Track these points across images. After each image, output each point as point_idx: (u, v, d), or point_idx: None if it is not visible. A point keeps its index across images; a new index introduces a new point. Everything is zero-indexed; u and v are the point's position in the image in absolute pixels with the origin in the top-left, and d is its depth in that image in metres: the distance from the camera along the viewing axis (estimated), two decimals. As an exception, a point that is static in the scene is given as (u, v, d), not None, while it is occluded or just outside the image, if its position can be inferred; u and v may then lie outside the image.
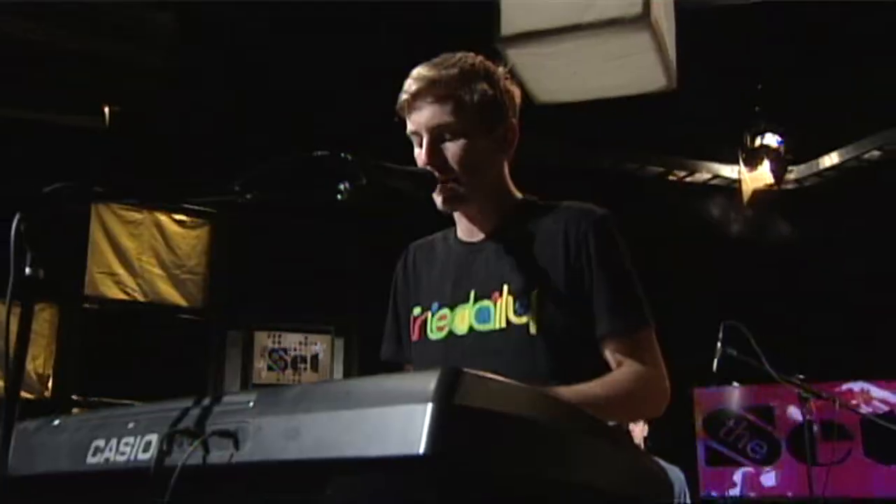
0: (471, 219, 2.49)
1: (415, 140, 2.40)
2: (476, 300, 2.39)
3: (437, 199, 2.38)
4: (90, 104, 6.90)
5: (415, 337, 2.50)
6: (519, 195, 2.52)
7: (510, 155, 2.49)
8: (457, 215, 2.51)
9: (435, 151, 2.35)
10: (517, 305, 2.32)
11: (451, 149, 2.35)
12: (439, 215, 2.47)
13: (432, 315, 2.46)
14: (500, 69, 2.46)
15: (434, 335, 2.45)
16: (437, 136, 2.35)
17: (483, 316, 2.37)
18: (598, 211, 2.39)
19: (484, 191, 2.41)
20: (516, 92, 2.49)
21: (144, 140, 7.07)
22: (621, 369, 2.28)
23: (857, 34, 7.09)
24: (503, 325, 2.33)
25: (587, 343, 2.31)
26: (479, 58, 2.44)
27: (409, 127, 2.40)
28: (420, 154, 2.37)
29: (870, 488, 8.23)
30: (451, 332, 2.42)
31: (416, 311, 2.52)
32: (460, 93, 2.34)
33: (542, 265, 2.34)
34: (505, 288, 2.35)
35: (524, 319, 2.30)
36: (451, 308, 2.43)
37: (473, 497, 1.37)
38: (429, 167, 2.34)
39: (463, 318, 2.40)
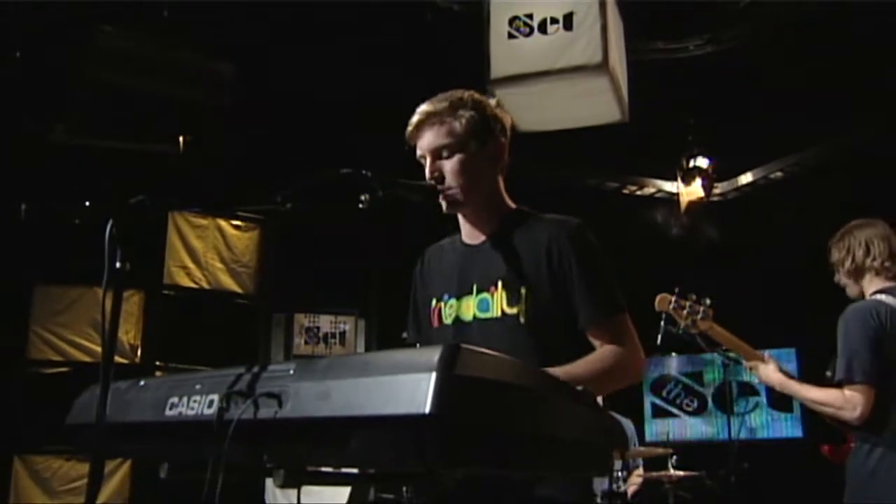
0: (472, 224, 2.45)
1: (423, 161, 2.38)
2: (478, 292, 2.35)
3: (442, 204, 2.36)
4: (168, 134, 6.91)
5: (435, 324, 2.45)
6: (512, 205, 2.47)
7: (502, 168, 2.44)
8: (461, 221, 2.48)
9: (435, 168, 2.35)
10: (509, 298, 2.28)
11: (447, 165, 2.34)
12: (441, 221, 2.45)
13: (445, 304, 2.42)
14: (492, 100, 2.44)
15: (447, 321, 2.40)
16: (436, 155, 2.35)
17: (483, 306, 2.33)
18: (575, 221, 2.35)
19: (477, 197, 2.38)
20: (506, 118, 2.45)
21: (209, 162, 7.06)
22: (601, 349, 2.24)
23: (769, 82, 7.13)
24: (499, 314, 2.29)
25: (566, 331, 2.26)
26: (470, 92, 2.42)
27: (417, 152, 2.39)
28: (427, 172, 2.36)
29: (773, 432, 8.28)
30: (458, 319, 2.38)
31: (433, 302, 2.47)
32: (450, 119, 2.33)
33: (529, 265, 2.30)
34: (499, 283, 2.31)
35: (515, 310, 2.27)
36: (458, 298, 2.39)
37: (470, 450, 1.35)
38: (431, 181, 2.33)
39: (468, 308, 2.36)
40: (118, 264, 1.75)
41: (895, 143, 7.08)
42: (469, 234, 2.48)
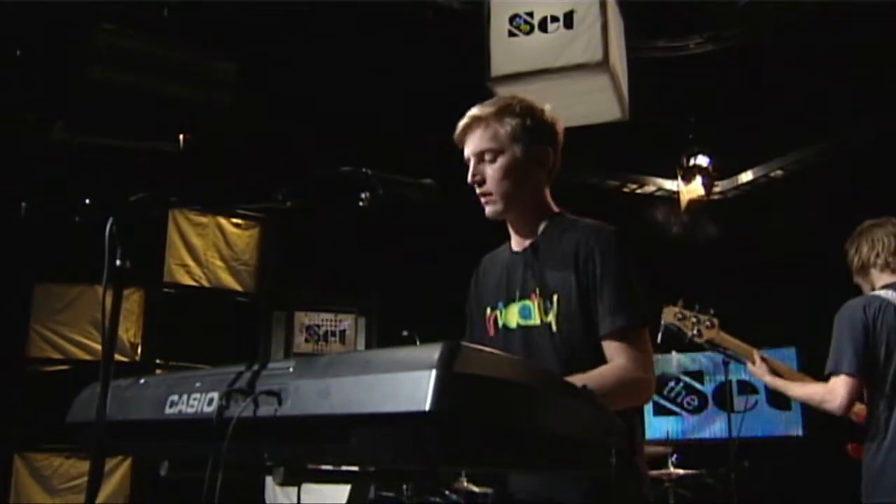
0: (516, 230, 2.48)
1: (468, 164, 2.41)
2: (520, 299, 2.36)
3: (486, 209, 2.41)
4: (168, 133, 6.91)
5: (491, 333, 2.45)
6: (556, 209, 2.47)
7: (549, 175, 2.44)
8: (510, 228, 2.49)
9: (477, 171, 2.38)
10: (544, 306, 2.29)
11: (489, 169, 2.37)
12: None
13: (500, 312, 2.43)
14: (546, 108, 2.44)
15: (500, 328, 2.42)
16: (480, 158, 2.37)
17: (525, 313, 2.34)
18: (608, 229, 2.35)
19: (518, 203, 2.39)
20: (557, 124, 2.46)
21: (209, 160, 7.06)
22: (611, 364, 2.21)
23: (769, 80, 7.14)
24: (538, 322, 2.30)
25: (594, 340, 2.25)
26: (521, 98, 2.44)
27: (465, 154, 2.42)
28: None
29: (772, 430, 8.27)
30: (505, 326, 2.39)
31: (488, 311, 2.47)
32: (497, 125, 2.35)
33: (561, 274, 2.30)
34: (537, 290, 2.32)
35: (549, 318, 2.28)
36: (506, 305, 2.40)
37: (470, 447, 1.35)
38: (472, 184, 2.38)
39: (513, 315, 2.37)
40: (118, 262, 1.75)
41: (895, 142, 7.08)
42: (515, 240, 2.49)
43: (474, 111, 2.39)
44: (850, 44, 6.42)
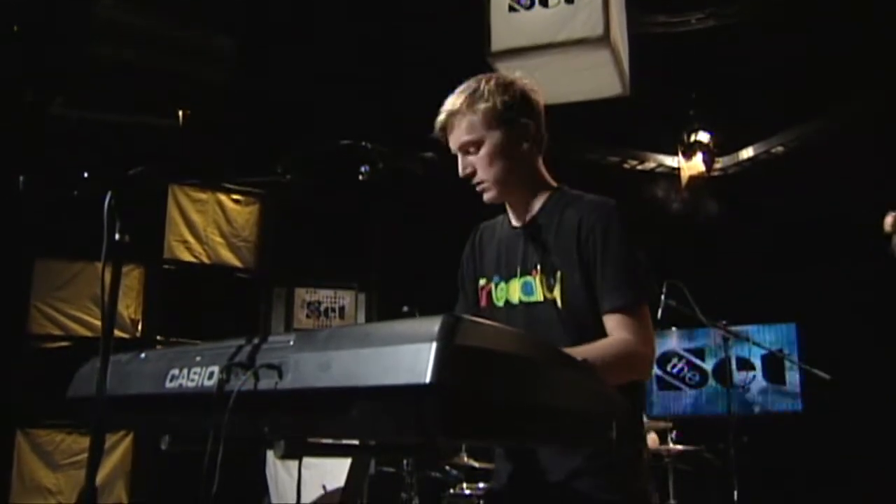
0: (513, 207, 2.45)
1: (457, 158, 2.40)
2: (521, 275, 2.35)
3: (484, 197, 2.40)
4: (168, 109, 6.89)
5: (483, 303, 2.45)
6: (553, 184, 2.45)
7: (538, 147, 2.41)
8: (507, 205, 2.48)
9: (466, 164, 2.37)
10: (547, 283, 2.29)
11: (475, 160, 2.35)
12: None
13: (495, 286, 2.42)
14: (517, 82, 2.40)
15: (498, 303, 2.41)
16: (465, 151, 2.37)
17: (527, 289, 2.33)
18: (610, 203, 2.32)
19: (512, 184, 2.38)
20: (535, 94, 2.42)
21: (208, 135, 7.04)
22: (612, 337, 2.20)
23: (770, 56, 7.11)
24: (542, 298, 2.30)
25: (599, 316, 2.24)
26: (490, 77, 2.40)
27: (451, 148, 2.40)
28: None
29: (771, 405, 8.31)
30: (507, 301, 2.38)
31: (482, 282, 2.47)
32: (469, 114, 2.33)
33: (563, 249, 2.29)
34: (539, 267, 2.31)
35: (553, 295, 2.27)
36: (506, 281, 2.39)
37: (471, 420, 1.35)
38: (464, 177, 2.37)
39: (514, 291, 2.36)
40: (117, 236, 1.74)
41: (896, 118, 7.07)
42: (514, 215, 2.47)
43: (447, 106, 2.36)
44: (851, 18, 6.39)
